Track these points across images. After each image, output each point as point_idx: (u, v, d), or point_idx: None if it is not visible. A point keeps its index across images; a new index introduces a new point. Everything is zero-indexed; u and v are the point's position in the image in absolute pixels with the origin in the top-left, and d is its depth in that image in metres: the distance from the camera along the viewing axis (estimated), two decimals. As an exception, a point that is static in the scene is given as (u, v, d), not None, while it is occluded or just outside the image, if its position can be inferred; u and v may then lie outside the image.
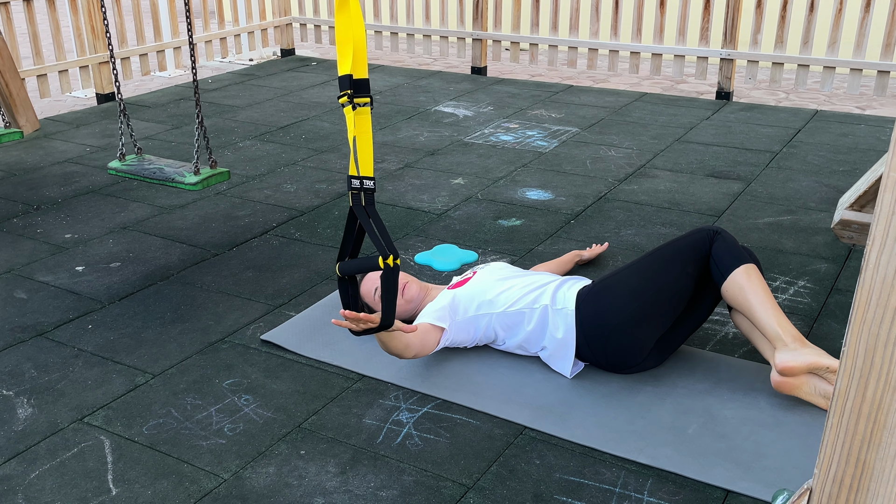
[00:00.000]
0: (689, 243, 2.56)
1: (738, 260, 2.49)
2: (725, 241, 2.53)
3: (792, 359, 2.32)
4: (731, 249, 2.52)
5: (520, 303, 2.62)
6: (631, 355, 2.53)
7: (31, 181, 4.44)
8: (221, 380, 2.65)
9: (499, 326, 2.65)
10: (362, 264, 2.26)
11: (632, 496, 2.12)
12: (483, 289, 2.68)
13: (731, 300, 2.49)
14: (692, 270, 2.53)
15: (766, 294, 2.45)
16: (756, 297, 2.43)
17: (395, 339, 2.42)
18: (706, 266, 2.55)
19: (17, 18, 9.12)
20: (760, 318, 2.41)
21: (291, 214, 3.96)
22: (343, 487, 2.17)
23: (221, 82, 6.59)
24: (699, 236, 2.56)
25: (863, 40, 5.42)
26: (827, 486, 1.41)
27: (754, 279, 2.46)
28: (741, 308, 2.47)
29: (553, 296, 2.60)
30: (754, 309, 2.43)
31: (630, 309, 2.48)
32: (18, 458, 2.30)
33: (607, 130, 5.18)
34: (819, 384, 2.36)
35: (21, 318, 3.04)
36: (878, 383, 1.30)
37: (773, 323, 2.39)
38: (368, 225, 2.22)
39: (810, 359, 2.31)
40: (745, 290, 2.45)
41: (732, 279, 2.47)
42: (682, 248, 2.56)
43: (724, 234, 2.56)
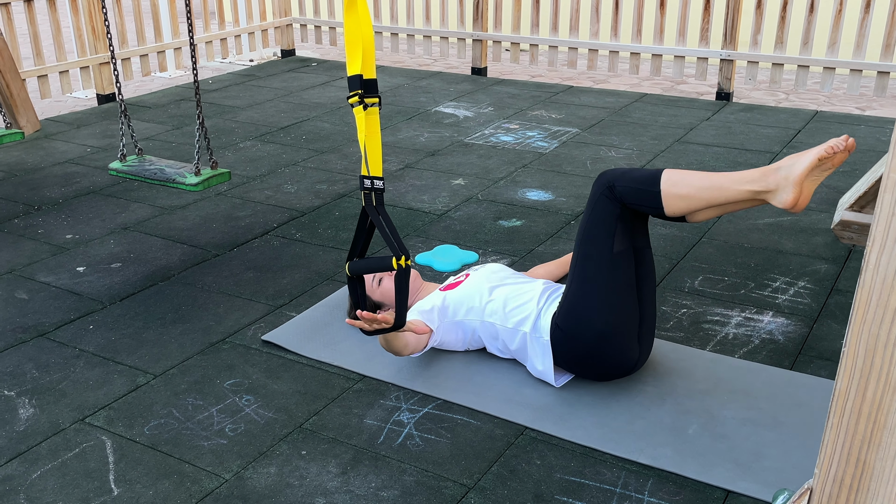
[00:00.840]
0: (599, 221, 2.38)
1: (653, 183, 2.30)
2: (626, 182, 2.34)
3: (786, 194, 2.19)
4: (635, 182, 2.33)
5: (506, 319, 2.58)
6: (622, 362, 2.48)
7: (31, 182, 4.44)
8: (222, 380, 2.65)
9: (484, 335, 2.66)
10: (373, 264, 2.27)
11: (632, 496, 2.13)
12: (472, 294, 2.66)
13: (684, 212, 2.32)
14: (620, 245, 2.37)
15: (704, 178, 2.27)
16: (702, 190, 2.26)
17: (399, 338, 2.43)
18: (632, 219, 2.39)
19: (18, 19, 9.13)
20: (726, 199, 2.26)
21: (292, 215, 3.97)
22: (344, 487, 2.17)
23: (222, 83, 6.59)
24: (601, 205, 2.38)
25: (863, 41, 5.42)
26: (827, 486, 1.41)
27: (682, 180, 2.28)
28: (699, 209, 2.30)
29: (534, 323, 2.52)
30: (712, 199, 2.27)
31: (598, 327, 2.39)
32: (20, 458, 2.30)
33: (607, 131, 5.18)
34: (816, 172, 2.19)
35: (22, 318, 3.05)
36: (879, 384, 1.31)
37: (739, 188, 2.24)
38: (381, 225, 2.22)
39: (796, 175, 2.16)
40: (689, 196, 2.27)
41: (669, 200, 2.29)
42: (597, 233, 2.39)
43: (618, 181, 2.36)
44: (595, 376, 2.54)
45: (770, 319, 2.96)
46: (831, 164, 2.17)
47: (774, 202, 2.22)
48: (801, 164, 2.17)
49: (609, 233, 2.38)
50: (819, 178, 2.20)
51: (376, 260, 2.26)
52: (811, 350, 2.77)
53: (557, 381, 2.56)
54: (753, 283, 3.22)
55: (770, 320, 2.95)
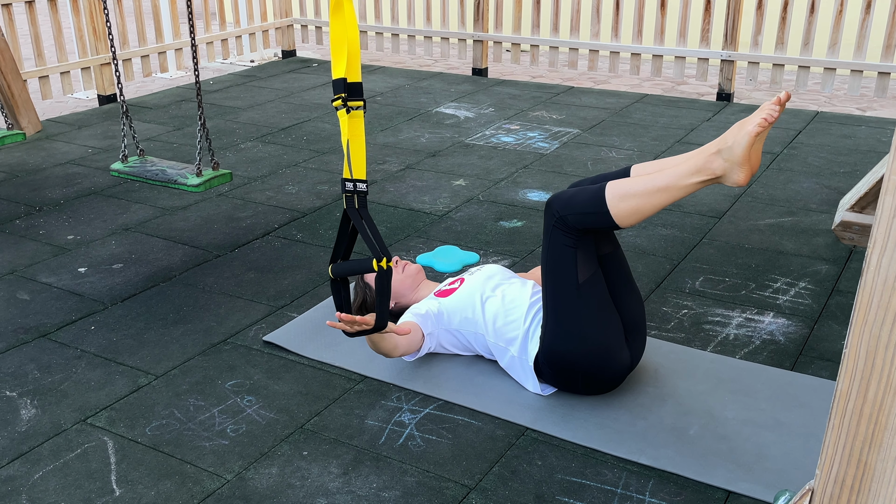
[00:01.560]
0: (558, 254, 2.35)
1: (595, 202, 2.25)
2: (572, 209, 2.29)
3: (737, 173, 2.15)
4: (582, 205, 2.28)
5: (497, 336, 2.57)
6: (616, 374, 2.46)
7: (33, 183, 4.45)
8: (224, 381, 2.65)
9: (478, 345, 2.66)
10: (355, 266, 2.28)
11: (633, 497, 2.13)
12: (465, 304, 2.65)
13: (637, 222, 2.28)
14: (585, 273, 2.33)
15: (647, 183, 2.23)
16: (650, 197, 2.22)
17: (386, 340, 2.43)
18: (588, 238, 2.33)
19: (19, 20, 9.13)
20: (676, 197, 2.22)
21: (293, 216, 3.97)
22: (345, 488, 2.17)
23: (223, 84, 6.60)
24: (555, 238, 2.34)
25: (863, 42, 5.42)
26: (828, 487, 1.42)
27: (626, 192, 2.23)
28: (650, 214, 2.26)
29: (522, 344, 2.50)
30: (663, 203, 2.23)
31: (584, 352, 2.37)
32: (22, 458, 2.31)
33: (608, 132, 5.18)
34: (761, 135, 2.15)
35: (24, 319, 3.05)
36: (880, 385, 1.31)
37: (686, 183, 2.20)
38: (362, 227, 2.23)
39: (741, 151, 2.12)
40: (638, 208, 2.23)
41: (620, 216, 2.24)
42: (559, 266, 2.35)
43: (562, 209, 2.31)
44: (591, 393, 2.53)
45: (771, 320, 2.96)
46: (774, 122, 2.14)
47: (727, 184, 2.21)
48: (741, 144, 2.14)
49: (571, 264, 2.33)
50: (761, 141, 2.16)
51: (358, 262, 2.27)
52: (812, 351, 2.77)
53: (545, 391, 2.55)
54: (754, 284, 3.22)
55: (771, 321, 2.96)
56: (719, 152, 2.18)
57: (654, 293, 3.16)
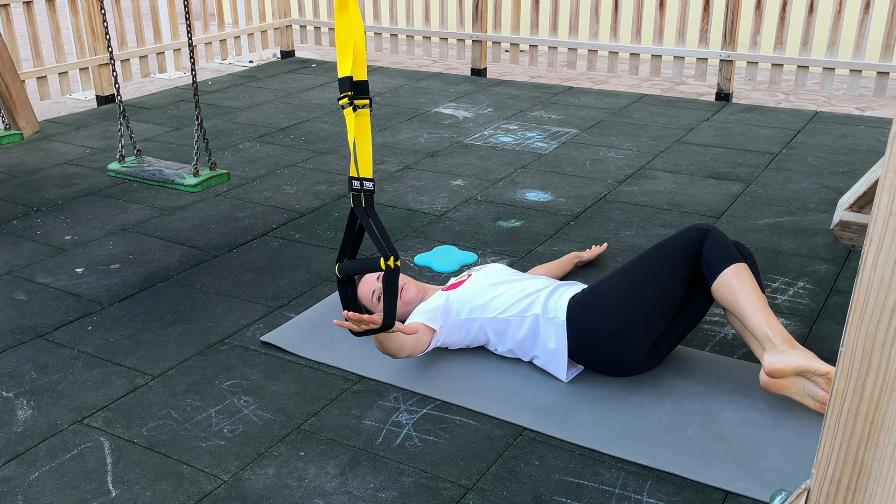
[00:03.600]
0: (680, 244, 2.52)
1: (728, 259, 2.46)
2: (716, 240, 2.50)
3: (779, 361, 2.31)
4: (722, 248, 2.48)
5: (511, 310, 2.60)
6: (625, 362, 2.52)
7: (30, 183, 4.44)
8: (221, 381, 2.65)
9: (490, 331, 2.65)
10: (362, 265, 2.28)
11: (631, 497, 2.13)
12: (476, 293, 2.67)
13: (721, 300, 2.47)
14: (683, 273, 2.51)
15: (756, 294, 2.43)
16: (746, 297, 2.41)
17: (393, 340, 2.43)
18: (697, 265, 2.53)
19: (17, 20, 9.13)
20: (750, 319, 2.40)
21: (291, 216, 3.97)
22: (342, 489, 2.17)
23: (221, 84, 6.59)
24: (690, 236, 2.53)
25: (862, 41, 5.42)
26: (825, 487, 1.41)
27: (744, 279, 2.43)
28: (731, 308, 2.45)
29: (545, 304, 2.58)
30: (744, 310, 2.41)
31: (621, 318, 2.46)
32: (18, 459, 2.30)
33: (607, 132, 5.18)
34: (808, 386, 2.33)
35: (21, 319, 3.04)
36: (876, 383, 1.30)
37: (763, 324, 2.37)
38: (369, 226, 2.23)
39: (798, 362, 2.30)
40: (734, 291, 2.43)
41: (722, 279, 2.44)
42: (672, 250, 2.52)
43: (714, 233, 2.52)
44: (594, 364, 2.55)
45: (769, 320, 2.96)
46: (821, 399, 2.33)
47: (766, 356, 2.36)
48: (811, 362, 2.31)
49: (683, 259, 2.51)
50: (800, 393, 2.35)
51: (365, 261, 2.27)
52: (811, 350, 2.77)
53: (568, 374, 2.57)
54: (753, 284, 3.21)
55: (769, 321, 2.95)
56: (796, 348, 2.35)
57: (653, 293, 3.16)
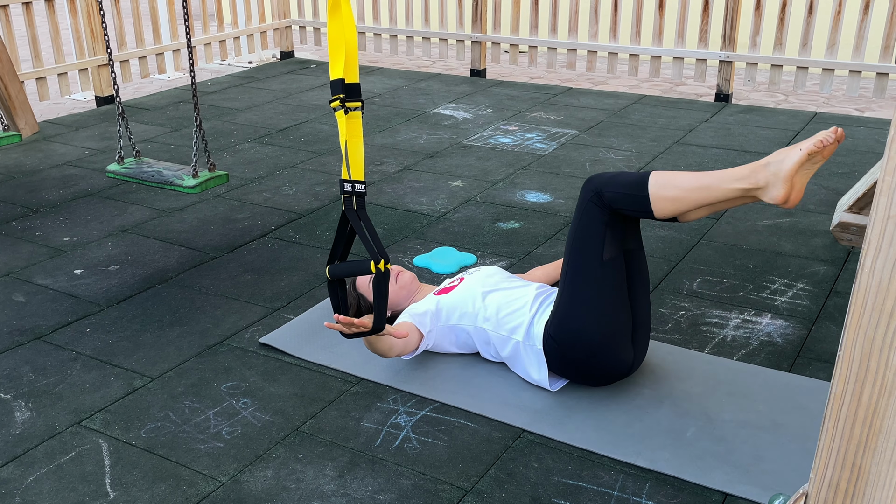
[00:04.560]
0: (587, 229, 2.36)
1: (640, 187, 2.28)
2: (613, 188, 2.31)
3: (777, 190, 2.17)
4: (622, 187, 2.30)
5: (498, 326, 2.57)
6: (617, 367, 2.47)
7: (29, 184, 4.44)
8: (219, 383, 2.65)
9: (477, 340, 2.65)
10: (352, 268, 2.28)
11: (630, 499, 2.12)
12: (465, 300, 2.65)
13: (675, 214, 2.29)
14: (610, 252, 2.35)
15: (692, 179, 2.25)
16: (691, 192, 2.23)
17: (382, 341, 2.43)
18: (617, 227, 2.35)
19: (17, 21, 9.13)
20: (715, 198, 2.24)
21: (290, 217, 3.96)
22: (341, 491, 2.17)
23: (221, 85, 6.59)
24: (589, 213, 2.35)
25: (862, 42, 5.42)
26: (823, 491, 1.41)
27: (670, 182, 2.26)
28: (687, 209, 2.28)
29: (527, 331, 2.52)
30: (701, 200, 2.24)
31: (590, 338, 2.38)
32: (16, 461, 2.30)
33: (606, 133, 5.18)
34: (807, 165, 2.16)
35: (19, 321, 3.04)
36: (874, 388, 1.30)
37: (728, 187, 2.22)
38: (360, 229, 2.23)
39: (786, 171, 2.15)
40: (678, 198, 2.25)
41: (658, 203, 2.26)
42: (586, 241, 2.37)
43: (603, 187, 2.32)
44: (591, 382, 2.53)
45: (769, 321, 2.95)
46: (821, 157, 2.16)
47: (766, 199, 2.21)
48: (791, 160, 2.15)
49: (599, 240, 2.36)
50: (810, 171, 2.18)
51: (356, 263, 2.27)
52: (810, 352, 2.77)
53: (553, 386, 2.55)
54: (752, 285, 3.21)
55: (769, 322, 2.95)
56: (768, 164, 2.20)
57: (652, 294, 3.15)
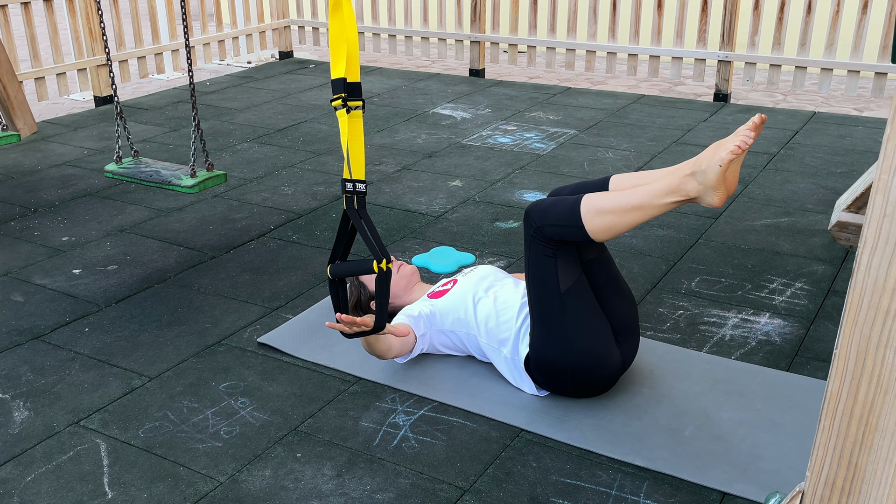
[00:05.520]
0: (538, 265, 2.35)
1: (570, 214, 2.25)
2: (549, 218, 2.29)
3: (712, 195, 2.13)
4: (559, 217, 2.28)
5: (488, 337, 2.56)
6: (608, 375, 2.45)
7: (28, 184, 4.44)
8: (218, 383, 2.65)
9: (470, 346, 2.65)
10: (354, 267, 2.28)
11: (628, 498, 2.12)
12: (457, 305, 2.64)
13: (613, 237, 2.27)
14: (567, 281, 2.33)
15: (622, 200, 2.22)
16: (623, 214, 2.21)
17: (381, 342, 2.43)
18: (568, 247, 2.34)
19: (15, 21, 9.13)
20: (650, 216, 2.22)
21: (289, 217, 3.96)
22: (339, 490, 2.17)
23: (219, 85, 6.59)
24: (534, 248, 2.34)
25: (860, 42, 5.42)
26: (819, 489, 1.41)
27: (598, 205, 2.23)
28: (625, 230, 2.26)
29: (514, 347, 2.50)
30: (636, 221, 2.23)
31: (572, 359, 2.36)
32: (14, 461, 2.30)
33: (605, 132, 5.18)
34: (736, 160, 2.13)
35: (18, 321, 3.04)
36: (870, 386, 1.30)
37: (660, 203, 2.19)
38: (362, 228, 2.23)
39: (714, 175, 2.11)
40: (612, 225, 2.23)
41: (593, 230, 2.24)
42: (540, 276, 2.35)
43: (539, 220, 2.31)
44: (587, 395, 2.51)
45: (767, 321, 2.96)
46: (750, 146, 2.12)
47: (702, 205, 2.20)
48: (714, 170, 2.12)
49: (552, 274, 2.33)
50: (738, 163, 2.15)
51: (357, 263, 2.27)
52: (808, 351, 2.77)
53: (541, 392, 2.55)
54: (750, 285, 3.21)
55: (767, 322, 2.95)
56: (693, 174, 2.16)
57: (650, 294, 3.16)
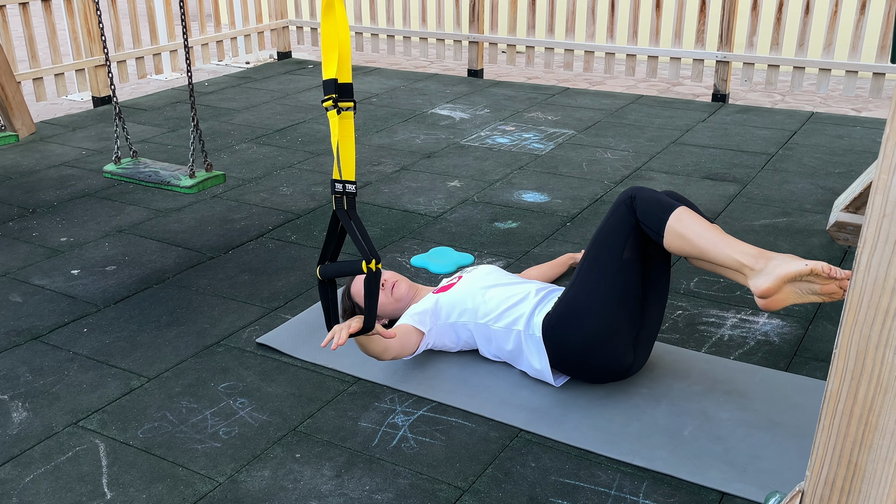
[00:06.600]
0: (615, 227, 2.43)
1: (665, 211, 2.35)
2: (645, 200, 2.39)
3: (764, 281, 2.20)
4: (655, 204, 2.37)
5: (499, 320, 2.58)
6: (615, 367, 2.49)
7: (26, 184, 4.44)
8: (217, 383, 2.65)
9: (479, 337, 2.65)
10: (343, 268, 2.27)
11: (627, 499, 2.12)
12: (465, 296, 2.66)
13: (678, 252, 2.35)
14: (630, 254, 2.41)
15: (707, 230, 2.31)
16: (699, 238, 2.30)
17: (374, 343, 2.42)
18: (642, 235, 2.41)
19: (14, 21, 9.12)
20: (713, 255, 2.30)
21: (287, 217, 3.96)
22: (338, 491, 2.17)
23: (218, 85, 6.59)
24: (620, 212, 2.42)
25: (858, 42, 5.43)
26: (818, 489, 1.41)
27: (689, 221, 2.32)
28: (690, 255, 2.34)
29: (528, 321, 2.54)
30: (703, 251, 2.31)
31: (591, 330, 2.41)
32: (13, 462, 2.30)
33: (603, 133, 5.18)
34: (802, 286, 2.19)
35: (16, 321, 3.04)
36: (870, 385, 1.30)
37: (729, 253, 2.26)
38: (351, 228, 2.23)
39: (781, 272, 2.18)
40: (685, 236, 2.31)
41: (669, 232, 2.33)
42: (610, 237, 2.42)
43: (640, 195, 2.40)
44: (586, 378, 2.54)
45: (765, 321, 2.96)
46: (821, 290, 2.15)
47: (750, 283, 2.23)
48: (792, 266, 2.16)
49: (622, 239, 2.41)
50: (800, 295, 2.19)
51: (347, 263, 2.26)
52: (806, 351, 2.77)
53: (557, 381, 2.56)
54: (749, 285, 3.21)
55: (765, 322, 2.95)
56: (772, 258, 2.21)
57: (649, 294, 3.16)
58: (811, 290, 2.17)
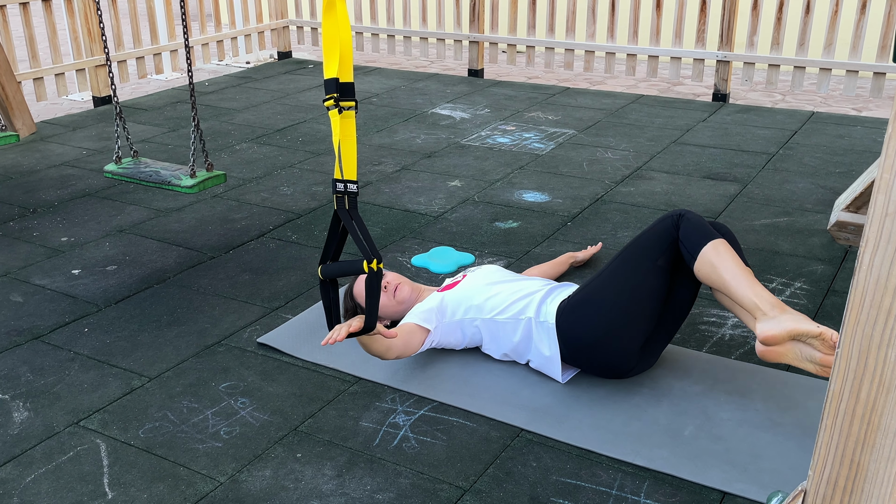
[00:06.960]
0: (656, 234, 2.49)
1: (705, 237, 2.41)
2: (691, 222, 2.45)
3: (771, 328, 2.23)
4: (698, 228, 2.44)
5: (506, 312, 2.60)
6: (618, 364, 2.51)
7: (27, 184, 4.44)
8: (217, 383, 2.65)
9: (485, 333, 2.65)
10: (345, 268, 2.27)
11: (628, 498, 2.12)
12: (471, 293, 2.67)
13: (705, 279, 2.41)
14: (663, 263, 2.46)
15: (739, 267, 2.36)
16: (728, 272, 2.35)
17: (377, 342, 2.42)
18: (677, 252, 2.48)
19: (14, 21, 9.12)
20: (735, 292, 2.34)
21: (288, 217, 3.96)
22: (339, 490, 2.17)
23: (218, 85, 6.59)
24: (664, 224, 2.48)
25: (859, 42, 5.43)
26: (821, 488, 1.41)
27: (724, 254, 2.38)
28: (715, 286, 2.40)
29: (538, 308, 2.57)
30: (728, 284, 2.35)
31: (607, 321, 2.44)
32: (14, 461, 2.30)
33: (604, 132, 5.18)
34: (805, 350, 2.23)
35: (17, 321, 3.04)
36: (872, 385, 1.30)
37: (750, 294, 2.30)
38: (352, 228, 2.22)
39: (790, 325, 2.22)
40: (716, 267, 2.36)
41: (703, 258, 2.39)
42: (649, 241, 2.49)
43: (689, 216, 2.47)
44: (587, 368, 2.55)
45: (766, 320, 2.95)
46: (819, 360, 2.18)
47: (758, 326, 2.26)
48: (803, 324, 2.20)
49: (659, 248, 2.47)
50: (798, 358, 2.22)
51: (348, 263, 2.26)
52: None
53: (563, 376, 2.56)
54: (750, 285, 3.21)
55: (766, 321, 2.95)
56: (787, 311, 2.25)
57: (650, 294, 3.16)
58: (810, 357, 2.21)
